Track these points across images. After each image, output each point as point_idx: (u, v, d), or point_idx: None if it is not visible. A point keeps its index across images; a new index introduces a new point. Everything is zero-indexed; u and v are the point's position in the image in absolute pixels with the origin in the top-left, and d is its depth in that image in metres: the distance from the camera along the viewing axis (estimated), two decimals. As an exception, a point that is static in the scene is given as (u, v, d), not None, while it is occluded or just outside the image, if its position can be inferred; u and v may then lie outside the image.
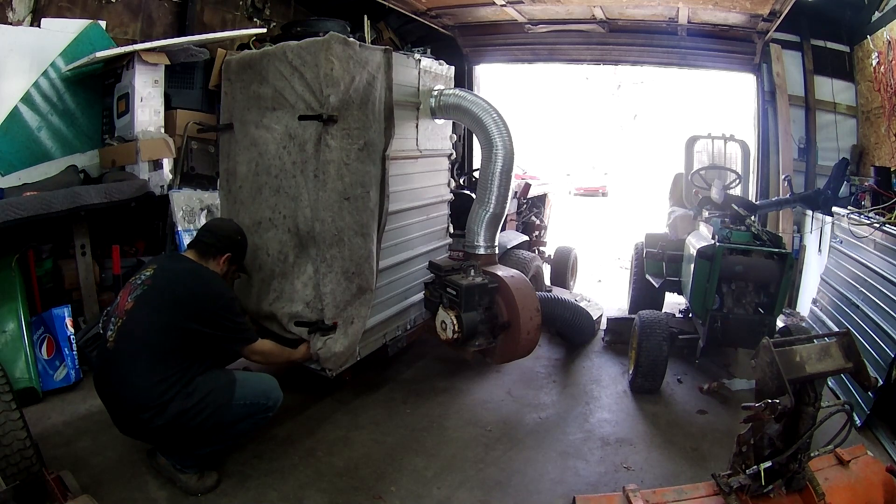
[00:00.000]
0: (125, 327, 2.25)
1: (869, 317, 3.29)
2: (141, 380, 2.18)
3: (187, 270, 2.42)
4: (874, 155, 4.64)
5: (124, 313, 2.27)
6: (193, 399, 2.23)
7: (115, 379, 2.24)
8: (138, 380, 2.18)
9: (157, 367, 2.20)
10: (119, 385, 2.22)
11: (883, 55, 4.34)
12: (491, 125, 3.21)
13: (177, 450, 2.36)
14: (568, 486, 2.53)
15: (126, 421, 2.28)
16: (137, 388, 2.17)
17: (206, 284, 2.38)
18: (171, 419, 2.19)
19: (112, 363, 2.25)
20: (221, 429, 2.34)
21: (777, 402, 1.61)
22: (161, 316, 2.25)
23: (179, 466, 2.37)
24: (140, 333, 2.23)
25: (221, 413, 2.30)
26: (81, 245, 3.56)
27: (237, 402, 2.34)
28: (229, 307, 2.39)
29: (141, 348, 2.21)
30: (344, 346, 2.77)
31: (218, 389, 2.31)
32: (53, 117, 3.88)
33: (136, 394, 2.17)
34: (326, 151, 2.63)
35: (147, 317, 2.25)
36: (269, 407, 2.47)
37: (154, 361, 2.20)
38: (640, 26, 5.22)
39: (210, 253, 2.49)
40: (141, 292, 2.30)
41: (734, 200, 3.73)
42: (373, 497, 2.43)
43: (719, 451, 2.76)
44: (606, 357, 4.03)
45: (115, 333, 2.26)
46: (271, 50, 2.83)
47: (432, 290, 3.34)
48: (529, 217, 5.61)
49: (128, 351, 2.22)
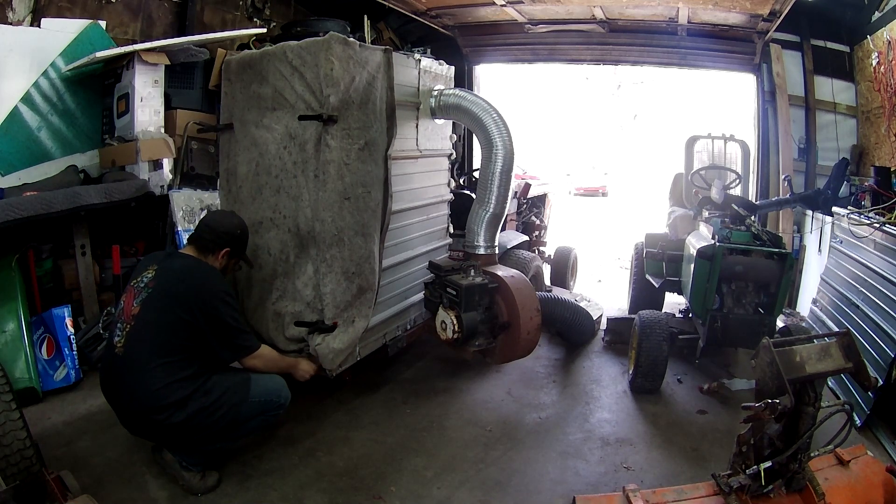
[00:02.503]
0: (135, 332, 2.25)
1: (869, 317, 3.28)
2: (156, 381, 2.18)
3: (186, 267, 2.42)
4: (874, 155, 4.64)
5: (132, 318, 2.27)
6: (212, 397, 2.25)
7: (128, 382, 2.23)
8: (153, 381, 2.18)
9: (171, 368, 2.20)
10: (133, 389, 2.21)
11: (883, 55, 4.34)
12: (491, 125, 3.22)
13: (187, 447, 2.36)
14: (568, 486, 2.53)
15: (139, 422, 2.28)
16: (153, 391, 2.17)
17: (204, 279, 2.38)
18: (190, 416, 2.20)
19: (123, 369, 2.25)
20: (236, 426, 2.35)
21: (777, 402, 1.61)
22: (167, 315, 2.25)
23: (185, 464, 2.37)
24: (150, 336, 2.23)
25: (237, 410, 2.32)
26: (81, 245, 3.56)
27: (252, 399, 2.37)
28: (227, 303, 2.37)
29: (153, 351, 2.21)
30: (343, 343, 2.76)
31: (234, 387, 2.33)
32: (53, 117, 3.88)
33: (152, 396, 2.17)
34: (326, 151, 2.63)
35: (155, 319, 2.25)
36: (281, 404, 2.49)
37: (168, 362, 2.21)
38: (640, 26, 5.23)
39: (209, 248, 2.49)
40: (146, 296, 2.30)
41: (734, 200, 3.73)
42: (373, 497, 2.43)
43: (719, 451, 2.76)
44: (606, 357, 4.03)
45: (123, 339, 2.26)
46: (271, 50, 2.83)
47: (432, 290, 3.34)
48: (529, 217, 5.61)
49: (139, 355, 2.21)
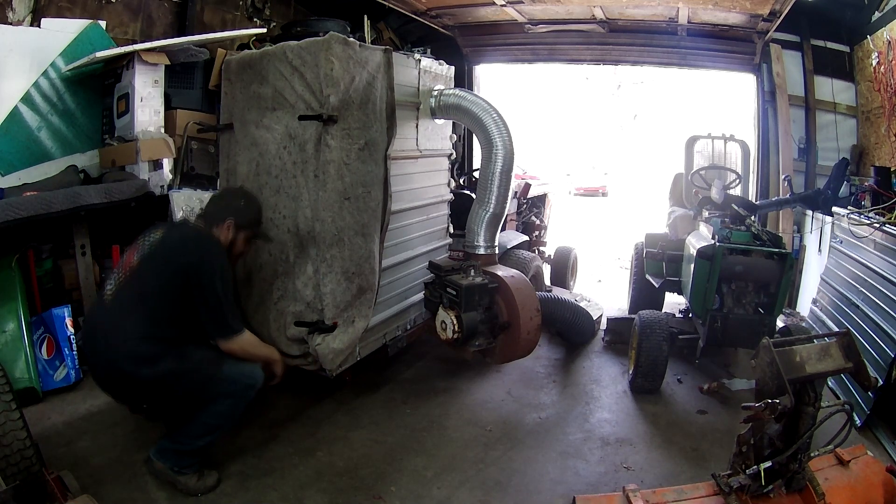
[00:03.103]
0: (127, 283, 2.25)
1: (869, 317, 3.28)
2: (134, 331, 2.17)
3: (191, 237, 2.42)
4: (874, 155, 4.64)
5: (128, 270, 2.28)
6: (184, 363, 2.23)
7: (106, 329, 2.23)
8: (131, 330, 2.17)
9: (152, 324, 2.20)
10: (109, 335, 2.21)
11: (883, 55, 4.34)
12: (491, 125, 3.22)
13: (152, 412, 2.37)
14: (568, 486, 2.53)
15: (108, 372, 2.25)
16: (127, 338, 2.17)
17: (205, 251, 2.35)
18: (160, 377, 2.18)
19: (106, 315, 2.26)
20: (203, 402, 2.31)
21: (777, 402, 1.61)
22: (162, 278, 2.25)
23: (177, 469, 2.36)
24: (140, 290, 2.24)
25: (208, 385, 2.28)
26: (81, 245, 3.56)
27: (225, 376, 2.31)
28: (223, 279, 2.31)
29: (139, 303, 2.21)
30: (343, 343, 2.76)
31: (209, 360, 2.31)
32: (53, 117, 3.87)
33: (125, 343, 2.16)
34: (326, 151, 2.63)
35: (150, 277, 2.26)
36: (252, 385, 2.39)
37: (151, 318, 2.20)
38: (640, 26, 5.22)
39: (213, 221, 2.49)
40: (147, 252, 2.31)
41: (734, 200, 3.73)
42: (373, 497, 2.43)
43: (719, 451, 2.76)
44: (606, 357, 4.03)
45: (114, 288, 2.27)
46: (271, 50, 2.83)
47: (432, 290, 3.34)
48: (529, 217, 5.61)
49: (125, 303, 2.22)
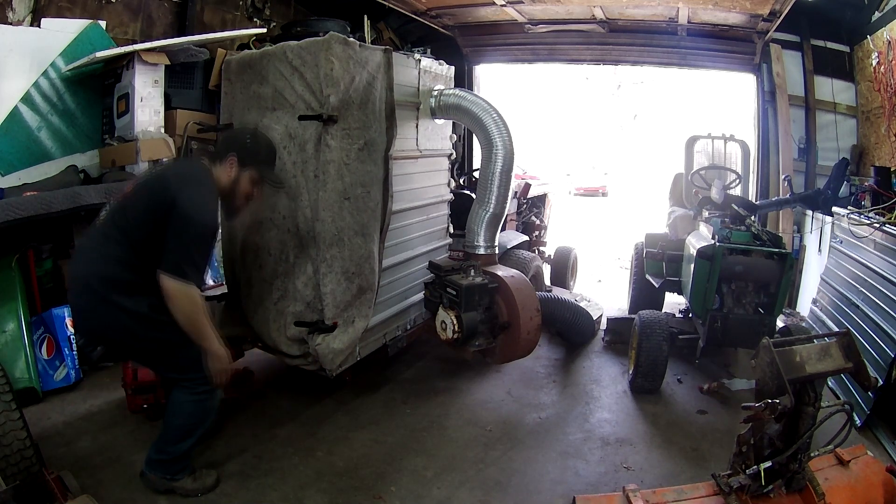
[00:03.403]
0: (117, 209, 2.21)
1: (869, 317, 3.28)
2: (113, 251, 2.12)
3: (181, 174, 2.32)
4: (874, 155, 4.64)
5: (122, 198, 2.25)
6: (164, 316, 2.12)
7: (88, 249, 2.21)
8: (110, 251, 2.13)
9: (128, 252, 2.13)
10: (91, 253, 2.18)
11: (883, 55, 4.34)
12: (491, 125, 3.22)
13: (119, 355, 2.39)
14: (568, 486, 2.52)
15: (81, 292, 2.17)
16: (107, 259, 2.12)
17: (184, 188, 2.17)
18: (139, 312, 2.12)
19: (92, 238, 2.23)
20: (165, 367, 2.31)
21: (777, 402, 1.61)
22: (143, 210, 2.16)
23: (169, 477, 2.33)
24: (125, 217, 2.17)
25: (176, 349, 2.21)
26: (81, 245, 3.57)
27: (188, 354, 2.19)
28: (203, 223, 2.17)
29: (122, 230, 2.15)
30: (343, 343, 2.76)
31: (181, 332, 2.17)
32: (53, 117, 3.87)
33: (105, 263, 2.12)
34: (326, 151, 2.63)
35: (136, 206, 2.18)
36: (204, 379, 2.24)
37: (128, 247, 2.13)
38: (640, 26, 5.22)
39: (217, 157, 2.42)
40: (142, 182, 2.29)
41: (734, 200, 3.73)
42: (373, 497, 2.43)
43: (719, 451, 2.76)
44: (606, 357, 4.03)
45: (107, 214, 2.24)
46: (271, 50, 2.83)
47: (432, 290, 3.34)
48: (529, 217, 5.61)
49: (110, 229, 2.17)
